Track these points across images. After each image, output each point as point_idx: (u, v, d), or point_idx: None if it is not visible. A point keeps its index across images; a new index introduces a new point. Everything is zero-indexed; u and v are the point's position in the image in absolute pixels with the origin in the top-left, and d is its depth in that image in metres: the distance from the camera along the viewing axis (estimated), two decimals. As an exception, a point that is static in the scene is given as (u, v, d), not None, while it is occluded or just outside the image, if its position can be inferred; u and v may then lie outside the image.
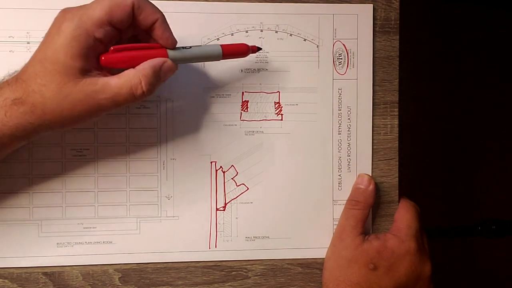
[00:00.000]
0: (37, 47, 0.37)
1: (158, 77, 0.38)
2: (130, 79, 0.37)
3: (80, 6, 0.37)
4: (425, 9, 1.26)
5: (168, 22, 0.45)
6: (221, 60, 0.43)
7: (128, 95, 0.37)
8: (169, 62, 0.39)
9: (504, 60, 1.30)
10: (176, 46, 0.40)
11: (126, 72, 0.37)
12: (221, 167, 0.47)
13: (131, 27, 0.39)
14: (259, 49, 0.45)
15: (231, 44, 0.43)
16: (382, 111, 0.49)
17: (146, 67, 0.37)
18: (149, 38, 0.40)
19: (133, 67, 0.38)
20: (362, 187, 0.47)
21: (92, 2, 0.37)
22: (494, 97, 1.30)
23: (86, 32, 0.36)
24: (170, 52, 0.39)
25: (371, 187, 0.47)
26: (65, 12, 0.37)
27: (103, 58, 0.37)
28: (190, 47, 0.41)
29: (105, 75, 0.37)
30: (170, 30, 0.39)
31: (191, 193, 0.47)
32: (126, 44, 0.39)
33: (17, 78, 0.36)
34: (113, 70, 0.39)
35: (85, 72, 0.36)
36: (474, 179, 1.31)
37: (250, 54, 0.44)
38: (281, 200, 0.48)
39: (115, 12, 0.36)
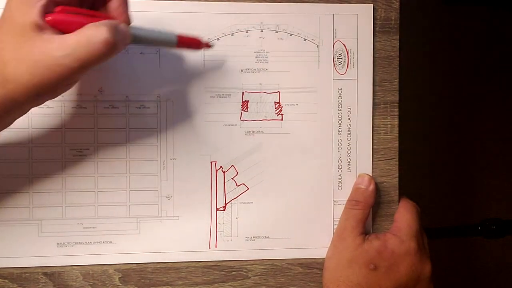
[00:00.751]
0: None
1: (116, 32, 0.34)
2: (88, 29, 0.34)
3: None
4: (425, 9, 1.27)
5: (167, 22, 0.45)
6: (177, 49, 0.42)
7: (89, 48, 0.33)
8: (123, 25, 0.36)
9: (506, 60, 1.30)
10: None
11: (86, 26, 0.34)
12: (221, 167, 0.47)
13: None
14: (210, 46, 0.44)
15: (186, 36, 0.42)
16: (382, 111, 0.49)
17: (104, 22, 0.34)
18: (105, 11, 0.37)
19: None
20: (362, 187, 0.47)
21: None
22: (495, 97, 1.31)
23: None
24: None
25: (372, 187, 0.47)
26: None
27: (50, 18, 0.33)
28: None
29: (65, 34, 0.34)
30: (127, 6, 0.37)
31: (191, 193, 0.47)
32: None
33: None
34: None
35: (40, 29, 0.33)
36: (474, 179, 1.31)
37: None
38: (281, 200, 0.48)
39: None
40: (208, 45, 0.44)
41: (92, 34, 0.33)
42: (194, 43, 0.43)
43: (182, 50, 0.45)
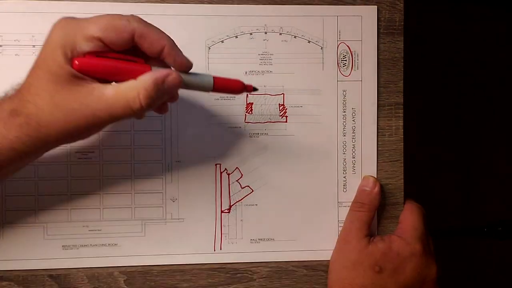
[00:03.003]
0: None
1: (160, 91, 0.35)
2: (127, 90, 0.34)
3: (80, 18, 0.35)
4: (429, 10, 1.26)
5: (172, 25, 0.45)
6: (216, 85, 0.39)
7: (125, 108, 0.34)
8: (174, 74, 0.35)
9: (510, 60, 1.30)
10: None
11: (126, 82, 0.34)
12: (225, 169, 0.47)
13: (139, 52, 0.36)
14: (255, 89, 0.41)
15: (225, 78, 0.39)
16: (386, 113, 0.48)
17: (147, 78, 0.34)
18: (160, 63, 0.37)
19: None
20: (367, 189, 0.47)
21: (93, 17, 0.35)
22: (502, 99, 1.30)
23: (74, 43, 0.34)
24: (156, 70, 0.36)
25: (377, 189, 0.47)
26: (60, 20, 0.35)
27: (76, 62, 0.33)
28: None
29: (102, 83, 0.35)
30: (182, 54, 0.37)
31: (196, 196, 0.47)
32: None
33: (15, 90, 0.35)
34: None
35: (78, 80, 0.34)
36: (480, 180, 1.30)
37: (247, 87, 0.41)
38: (286, 202, 0.48)
39: (109, 34, 0.34)
40: (250, 89, 0.41)
41: (131, 97, 0.34)
42: (233, 85, 0.40)
43: (220, 93, 0.43)
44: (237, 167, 0.47)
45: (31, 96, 0.34)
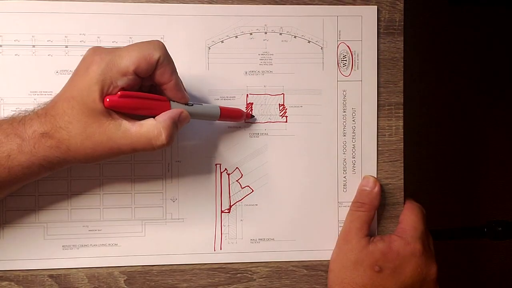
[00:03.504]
0: (67, 82, 0.38)
1: (176, 127, 0.39)
2: (150, 129, 0.37)
3: (110, 50, 0.38)
4: (429, 10, 1.26)
5: (172, 25, 0.45)
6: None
7: (146, 145, 0.38)
8: (185, 112, 0.40)
9: (510, 60, 1.30)
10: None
11: (147, 121, 0.38)
12: (225, 169, 0.47)
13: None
14: (252, 116, 0.47)
15: (228, 107, 0.45)
16: (386, 113, 0.48)
17: (166, 118, 0.38)
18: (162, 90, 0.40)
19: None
20: (367, 189, 0.47)
21: (122, 49, 0.38)
22: (501, 99, 1.30)
23: (110, 79, 0.36)
24: (175, 105, 0.40)
25: (377, 189, 0.47)
26: (94, 53, 0.37)
27: (107, 100, 0.36)
28: (192, 104, 0.41)
29: (128, 119, 0.38)
30: (183, 89, 0.41)
31: (196, 196, 0.47)
32: (137, 91, 0.39)
33: (46, 112, 0.37)
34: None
35: (108, 114, 0.37)
36: (479, 181, 1.30)
37: (244, 118, 0.46)
38: (286, 202, 0.48)
39: (141, 64, 0.37)
40: (249, 116, 0.46)
41: (153, 137, 0.37)
42: (236, 114, 0.45)
43: (224, 121, 0.46)
44: (237, 167, 0.47)
45: (64, 124, 0.37)
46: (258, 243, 0.47)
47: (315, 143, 0.48)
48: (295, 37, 0.47)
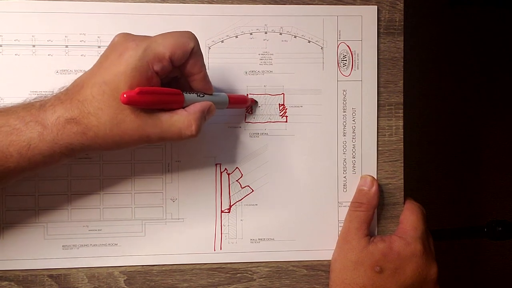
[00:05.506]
0: (92, 67, 0.37)
1: (204, 120, 0.39)
2: (181, 120, 0.38)
3: (144, 37, 0.37)
4: (429, 10, 1.26)
5: (172, 25, 0.45)
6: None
7: (176, 135, 0.38)
8: (213, 106, 0.40)
9: (510, 60, 1.30)
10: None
11: (178, 111, 0.38)
12: (225, 169, 0.47)
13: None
14: (256, 102, 0.47)
15: (235, 94, 0.46)
16: (386, 113, 0.48)
17: (196, 110, 0.39)
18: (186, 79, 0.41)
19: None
20: (365, 188, 0.47)
21: (157, 36, 0.37)
22: (501, 99, 1.30)
23: (147, 65, 0.36)
24: (187, 97, 0.39)
25: (374, 188, 0.47)
26: (127, 40, 0.37)
27: (124, 95, 0.35)
28: (203, 95, 0.41)
29: (160, 112, 0.38)
30: (210, 81, 0.41)
31: (196, 195, 0.47)
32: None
33: (71, 97, 0.36)
34: None
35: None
36: (480, 181, 1.30)
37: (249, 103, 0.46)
38: (286, 202, 0.48)
39: (176, 52, 0.37)
40: (253, 102, 0.47)
41: (183, 127, 0.38)
42: (242, 100, 0.45)
43: (231, 108, 0.46)
44: (237, 167, 0.47)
45: (93, 109, 0.36)
46: (258, 243, 0.47)
47: (315, 143, 0.48)
48: (295, 37, 0.47)
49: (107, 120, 0.36)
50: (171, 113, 0.38)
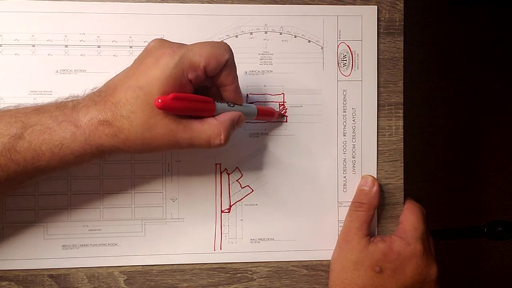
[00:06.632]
0: (126, 70, 0.38)
1: (233, 129, 0.40)
2: (211, 128, 0.38)
3: (180, 44, 0.38)
4: (429, 10, 1.26)
5: (172, 25, 0.45)
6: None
7: (205, 142, 0.38)
8: (242, 116, 0.41)
9: (510, 60, 1.30)
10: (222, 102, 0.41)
11: (209, 120, 0.38)
12: (225, 169, 0.47)
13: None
14: (283, 116, 0.47)
15: (264, 107, 0.46)
16: (386, 113, 0.48)
17: (226, 119, 0.39)
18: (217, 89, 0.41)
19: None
20: (366, 188, 0.47)
21: (194, 45, 0.38)
22: (501, 99, 1.30)
23: (182, 73, 0.36)
24: (219, 106, 0.40)
25: (375, 188, 0.47)
26: (163, 46, 0.37)
27: (159, 100, 0.35)
28: (234, 105, 0.41)
29: (191, 118, 0.38)
30: (241, 92, 0.42)
31: (196, 195, 0.47)
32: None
33: (105, 99, 0.36)
34: None
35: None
36: (479, 181, 1.30)
37: (276, 115, 0.47)
38: (286, 202, 0.48)
39: (211, 62, 0.37)
40: (281, 115, 0.47)
41: (213, 136, 0.38)
42: (270, 112, 0.46)
43: (260, 120, 0.46)
44: (237, 167, 0.47)
45: (126, 112, 0.36)
46: (258, 243, 0.47)
47: (315, 143, 0.48)
48: (295, 36, 0.47)
49: (139, 123, 0.36)
50: (202, 121, 0.38)
